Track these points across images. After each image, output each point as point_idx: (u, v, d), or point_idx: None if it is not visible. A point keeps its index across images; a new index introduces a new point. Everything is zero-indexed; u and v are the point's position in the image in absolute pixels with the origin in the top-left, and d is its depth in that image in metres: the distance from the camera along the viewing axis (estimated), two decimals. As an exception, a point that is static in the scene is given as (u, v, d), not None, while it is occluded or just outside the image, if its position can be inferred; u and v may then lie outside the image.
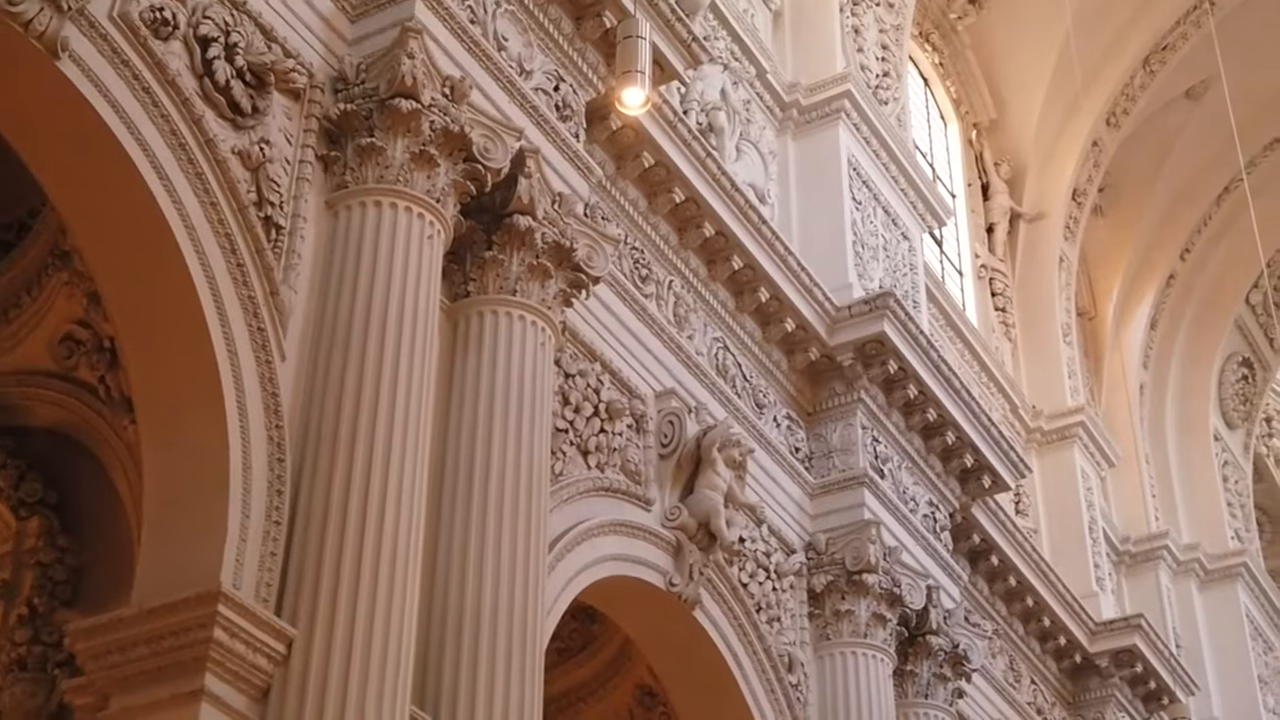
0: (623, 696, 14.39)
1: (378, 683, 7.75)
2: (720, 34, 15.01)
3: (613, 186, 12.22)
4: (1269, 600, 23.65)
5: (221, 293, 8.27)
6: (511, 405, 9.57)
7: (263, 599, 7.85)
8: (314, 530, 8.08)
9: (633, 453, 11.61)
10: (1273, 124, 23.58)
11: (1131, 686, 18.82)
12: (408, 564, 8.21)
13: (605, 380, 11.54)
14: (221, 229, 8.37)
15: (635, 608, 11.88)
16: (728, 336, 13.33)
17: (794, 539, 13.38)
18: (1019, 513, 19.46)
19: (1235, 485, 24.55)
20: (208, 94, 8.51)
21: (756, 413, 13.41)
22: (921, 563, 14.21)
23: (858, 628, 13.22)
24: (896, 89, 17.19)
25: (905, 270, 15.95)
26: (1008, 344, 21.30)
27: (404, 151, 9.22)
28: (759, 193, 14.61)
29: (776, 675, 12.47)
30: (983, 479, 15.47)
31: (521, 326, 9.88)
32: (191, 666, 7.52)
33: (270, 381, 8.36)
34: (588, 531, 10.87)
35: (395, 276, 8.90)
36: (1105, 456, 21.13)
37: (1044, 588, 17.60)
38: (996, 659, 17.08)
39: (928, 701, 13.98)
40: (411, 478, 8.45)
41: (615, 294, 11.97)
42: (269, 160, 8.78)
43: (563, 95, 10.92)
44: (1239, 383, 25.20)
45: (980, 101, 21.99)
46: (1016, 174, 22.03)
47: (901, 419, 14.55)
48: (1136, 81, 21.87)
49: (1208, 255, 24.04)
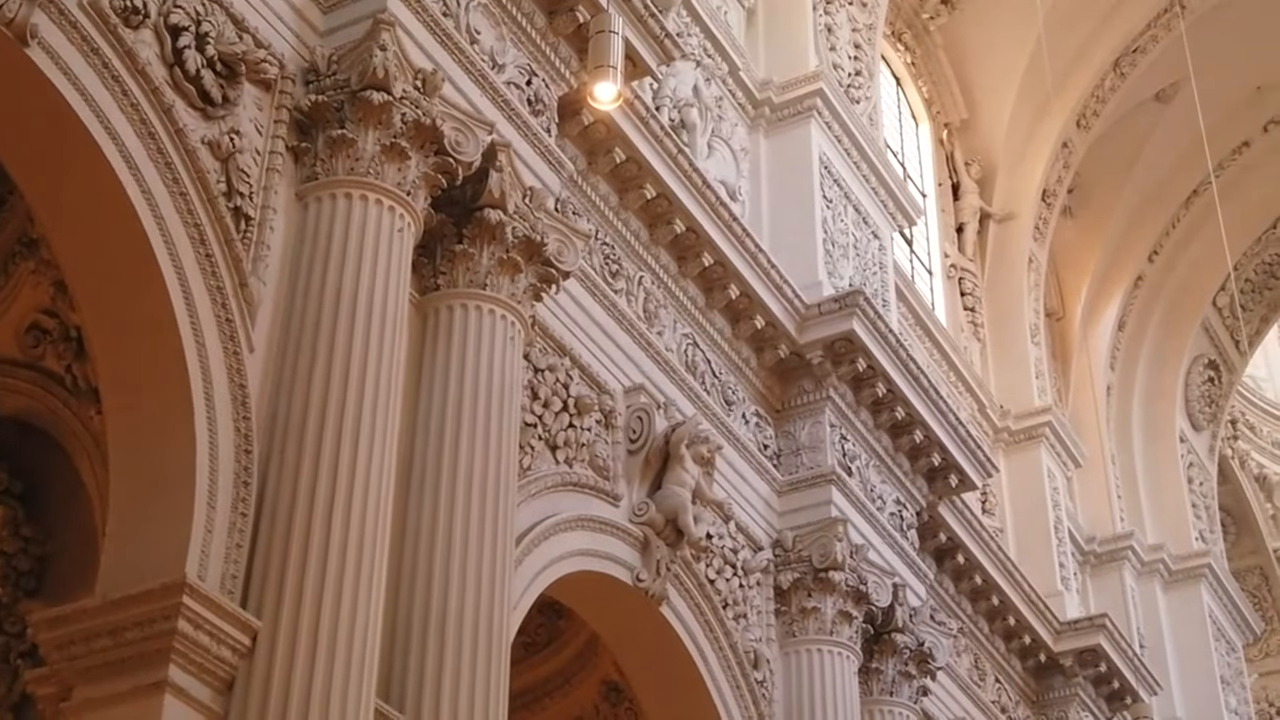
0: (588, 692, 14.40)
1: (343, 676, 7.74)
2: (693, 30, 15.02)
3: (584, 182, 12.21)
4: (1232, 601, 23.78)
5: (190, 283, 8.23)
6: (480, 399, 9.56)
7: (228, 591, 7.82)
8: (280, 522, 8.06)
9: (601, 448, 11.61)
10: (1241, 127, 23.73)
11: (1095, 686, 18.92)
12: (374, 557, 8.20)
13: (574, 375, 11.53)
14: (190, 219, 8.33)
15: (602, 603, 11.88)
16: (697, 333, 13.35)
17: (761, 536, 13.40)
18: (985, 512, 19.53)
19: (1200, 487, 24.68)
20: (178, 83, 8.47)
21: (725, 409, 13.43)
22: (888, 561, 14.25)
23: (824, 625, 13.25)
24: (868, 88, 17.22)
25: (875, 269, 15.99)
26: (976, 344, 21.37)
27: (375, 144, 9.20)
28: (730, 190, 14.62)
29: (742, 672, 12.49)
30: (950, 478, 15.52)
31: (491, 320, 9.87)
32: (155, 658, 7.49)
33: (238, 373, 8.33)
34: (555, 526, 10.86)
35: (365, 269, 8.88)
36: (1071, 457, 21.22)
37: (1009, 587, 17.67)
38: (961, 657, 17.14)
39: (893, 699, 14.03)
40: (379, 471, 8.44)
41: (585, 289, 11.97)
42: (239, 151, 8.75)
43: (535, 89, 10.91)
44: (1205, 385, 25.33)
45: (951, 101, 22.05)
46: (987, 174, 22.09)
47: (870, 417, 14.58)
48: (1107, 84, 21.97)
49: (1176, 258, 24.17)
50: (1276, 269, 25.74)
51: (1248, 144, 23.97)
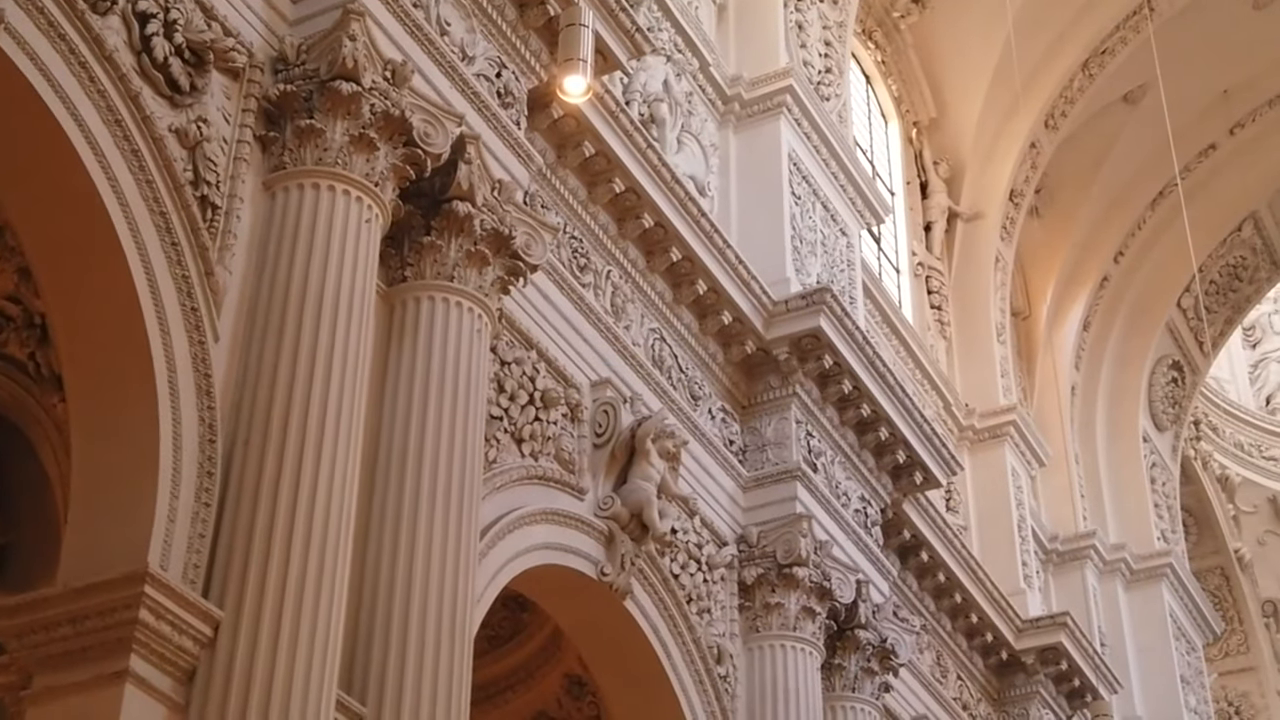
0: (551, 685, 14.42)
1: (305, 667, 7.72)
2: (664, 25, 15.02)
3: (553, 175, 12.20)
4: (1193, 601, 23.92)
5: (155, 272, 8.18)
6: (446, 391, 9.55)
7: (190, 581, 7.79)
8: (244, 513, 8.03)
9: (567, 442, 11.61)
10: (1208, 130, 23.87)
11: (1056, 684, 19.01)
12: (338, 548, 8.18)
13: (541, 369, 11.53)
14: (157, 207, 8.29)
15: (566, 597, 11.88)
16: (664, 328, 13.36)
17: (726, 531, 13.43)
18: (949, 509, 19.61)
19: (1163, 487, 24.82)
20: (145, 71, 8.43)
21: (691, 404, 13.45)
22: (852, 557, 14.29)
23: (787, 620, 13.28)
24: (838, 85, 17.26)
25: (843, 266, 16.02)
26: (942, 342, 21.44)
27: (343, 134, 9.17)
28: (699, 185, 14.64)
29: (705, 666, 12.51)
30: (914, 475, 15.58)
31: (458, 313, 9.85)
32: (116, 647, 7.45)
33: (203, 362, 8.29)
34: (520, 519, 10.86)
35: (332, 260, 8.85)
36: (1036, 456, 21.31)
37: (972, 584, 17.74)
38: (924, 654, 17.20)
39: (855, 695, 14.07)
40: (344, 462, 8.42)
41: (553, 282, 11.96)
42: (206, 139, 8.70)
43: (505, 82, 10.89)
44: (1169, 385, 25.47)
45: (921, 100, 22.11)
46: (955, 173, 22.16)
47: (836, 414, 14.62)
48: (1075, 85, 22.06)
49: (1141, 259, 24.29)
50: (1240, 271, 25.92)
51: (1214, 147, 24.11)
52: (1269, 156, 24.43)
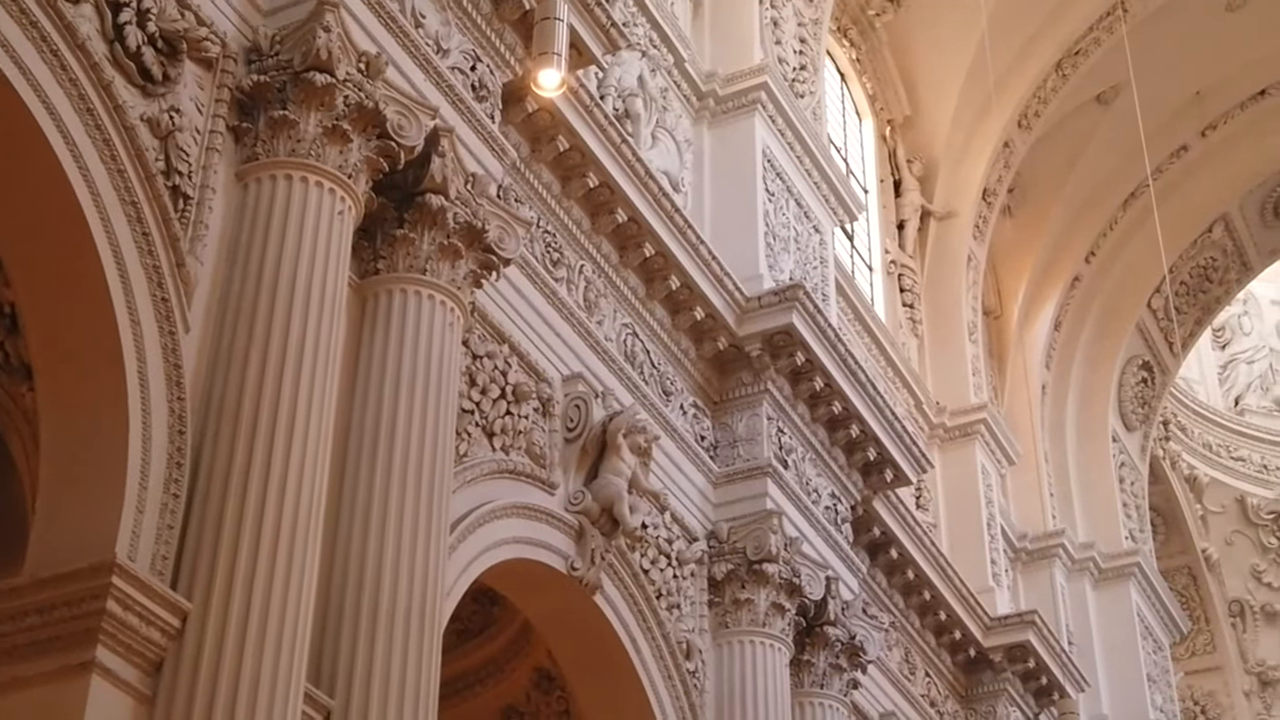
0: (520, 679, 14.40)
1: (272, 659, 7.70)
2: (639, 20, 15.02)
3: (527, 169, 12.20)
4: (1160, 600, 24.05)
5: (126, 262, 8.14)
6: (418, 385, 9.53)
7: (158, 572, 7.76)
8: (213, 504, 8.00)
9: (538, 436, 11.61)
10: (1180, 131, 23.98)
11: (1023, 681, 19.09)
12: (307, 541, 8.16)
13: (513, 363, 11.52)
14: (128, 197, 8.25)
15: (536, 591, 11.88)
16: (637, 323, 13.36)
17: (696, 527, 13.44)
18: (919, 507, 19.66)
19: (1131, 486, 24.94)
20: (118, 59, 8.39)
21: (663, 400, 13.45)
22: (822, 554, 14.32)
23: (756, 617, 13.31)
24: (813, 83, 17.28)
25: (815, 263, 16.05)
26: (914, 340, 21.50)
27: (317, 125, 9.14)
28: (673, 181, 14.64)
29: (674, 662, 12.53)
30: (885, 472, 15.62)
31: (430, 306, 9.83)
32: (83, 638, 7.41)
33: (173, 353, 8.26)
34: (490, 513, 10.85)
35: (304, 251, 8.82)
36: (1005, 454, 21.39)
37: (941, 582, 17.80)
38: (892, 651, 17.26)
39: (823, 691, 14.10)
40: (314, 454, 8.40)
41: (526, 277, 11.95)
42: (178, 129, 8.67)
43: (479, 75, 10.88)
44: (1138, 385, 25.59)
45: (895, 98, 22.15)
46: (928, 172, 22.22)
47: (807, 410, 14.65)
48: (1049, 85, 22.14)
49: (1112, 259, 24.39)
50: (1211, 273, 26.06)
51: (1186, 148, 24.23)
52: (1240, 158, 24.56)
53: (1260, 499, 30.90)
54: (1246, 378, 33.22)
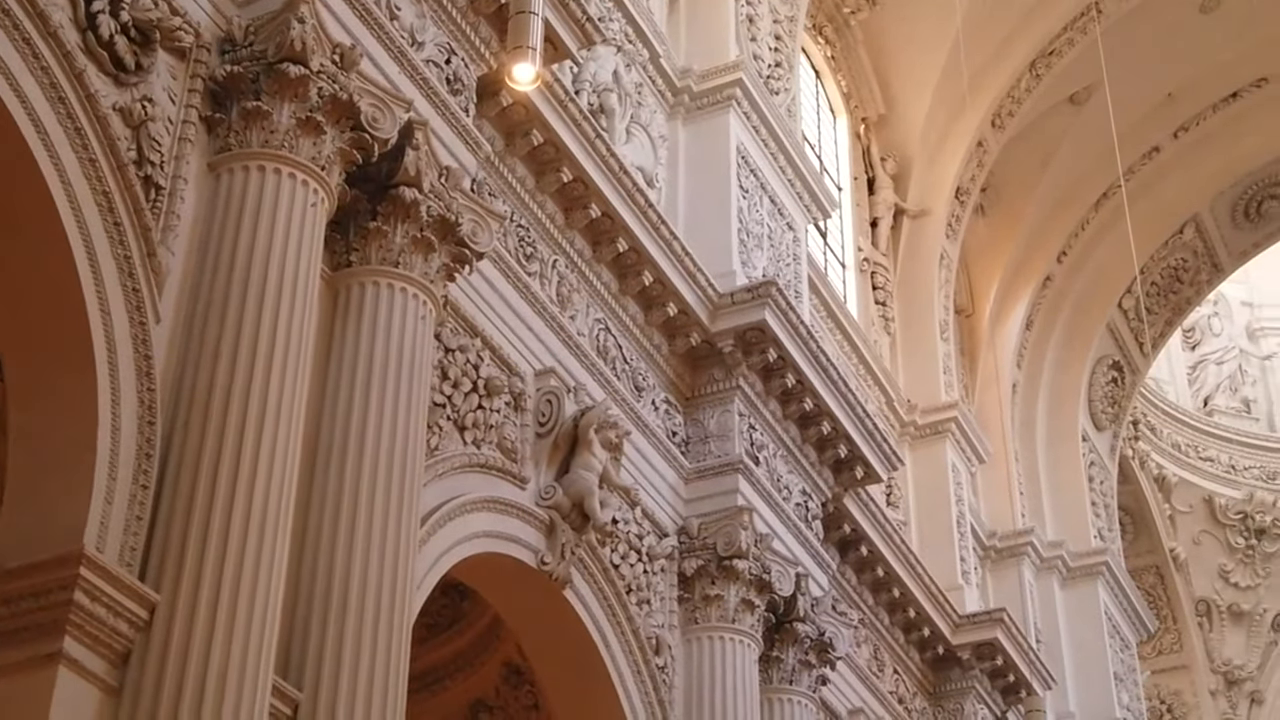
0: (490, 674, 14.40)
1: (241, 651, 7.68)
2: (615, 15, 15.01)
3: (501, 163, 12.18)
4: (1128, 599, 24.16)
5: (97, 251, 8.11)
6: (390, 378, 9.52)
7: (126, 563, 7.73)
8: (182, 496, 7.98)
9: (510, 430, 11.60)
10: (1152, 132, 24.08)
11: (991, 679, 19.16)
12: (276, 533, 8.14)
13: (485, 357, 11.51)
14: (99, 186, 8.21)
15: (506, 585, 11.88)
16: (609, 318, 13.36)
17: (667, 522, 13.45)
18: (890, 504, 19.71)
19: (1100, 486, 25.04)
20: (90, 48, 8.34)
21: (635, 395, 13.46)
22: (792, 550, 14.35)
23: (726, 613, 13.32)
24: (788, 80, 17.30)
25: (789, 260, 16.07)
26: (886, 338, 21.54)
27: (290, 117, 9.11)
28: (647, 176, 14.64)
29: (644, 657, 12.53)
30: (856, 470, 15.65)
31: (403, 299, 9.81)
32: (50, 629, 7.39)
33: (144, 344, 8.23)
34: (461, 507, 10.84)
35: (276, 243, 8.80)
36: (976, 452, 21.46)
37: (910, 579, 17.85)
38: (861, 648, 17.30)
39: (792, 688, 14.13)
40: (284, 446, 8.38)
41: (499, 271, 11.94)
42: (151, 119, 8.63)
43: (454, 69, 10.86)
44: (1108, 385, 25.69)
45: (870, 96, 22.19)
46: (902, 170, 22.26)
47: (779, 407, 14.67)
48: (1022, 85, 22.20)
49: (1084, 259, 24.48)
50: (1182, 273, 26.18)
51: (1158, 149, 24.32)
52: (1212, 159, 24.68)
53: (1228, 499, 31.07)
54: (1216, 378, 33.40)
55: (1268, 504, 31.09)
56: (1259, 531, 31.04)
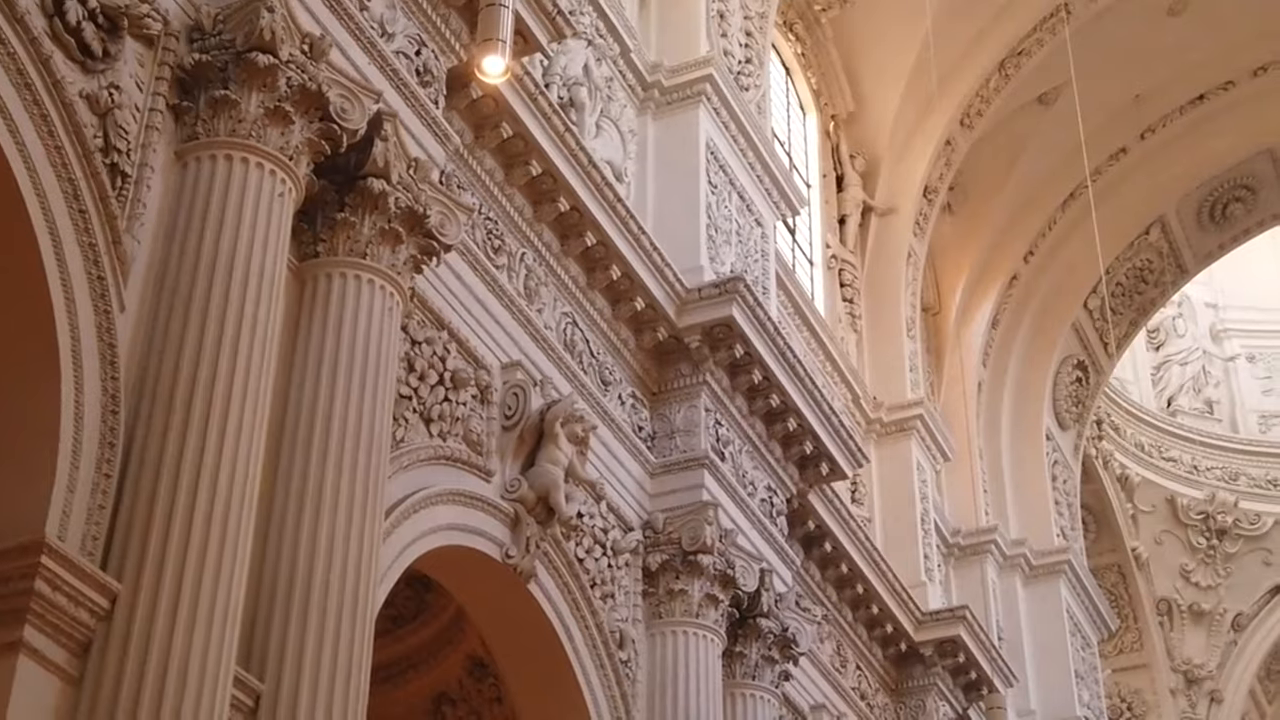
0: (453, 666, 14.37)
1: (202, 642, 7.66)
2: (586, 9, 15.00)
3: (470, 155, 12.16)
4: (1089, 597, 24.29)
5: (62, 238, 8.06)
6: (356, 369, 9.49)
7: (88, 552, 7.69)
8: (145, 485, 7.94)
9: (475, 423, 11.59)
10: (1120, 134, 24.20)
11: (953, 676, 19.24)
12: (240, 524, 8.11)
13: (452, 349, 11.49)
14: (65, 173, 8.16)
15: (470, 578, 11.87)
16: (577, 312, 13.36)
17: (632, 517, 13.46)
18: (854, 501, 19.77)
19: (1064, 485, 25.16)
20: (57, 34, 8.29)
21: (602, 389, 13.46)
22: (756, 546, 14.38)
23: (690, 607, 13.34)
24: (758, 76, 17.32)
25: (757, 256, 16.09)
26: (853, 335, 21.59)
27: (258, 106, 9.08)
28: (616, 171, 14.64)
29: (607, 651, 12.54)
30: (821, 466, 15.68)
31: (370, 290, 9.79)
32: (10, 618, 7.34)
33: (108, 332, 8.18)
34: (426, 499, 10.83)
35: (243, 232, 8.77)
36: (941, 450, 21.53)
37: (874, 576, 17.91)
38: (824, 643, 17.35)
39: (755, 683, 14.16)
40: (249, 437, 8.35)
41: (467, 263, 11.92)
42: (118, 106, 8.58)
43: (424, 60, 10.83)
44: (1073, 385, 25.82)
45: (839, 94, 22.24)
46: (871, 168, 22.32)
47: (745, 403, 14.69)
48: (991, 84, 22.29)
49: (1050, 259, 24.60)
50: (1147, 274, 26.33)
51: (1125, 150, 24.46)
52: (1178, 161, 24.83)
53: (1190, 499, 31.28)
54: (1179, 379, 33.61)
55: (1229, 504, 31.31)
56: (1220, 532, 31.26)
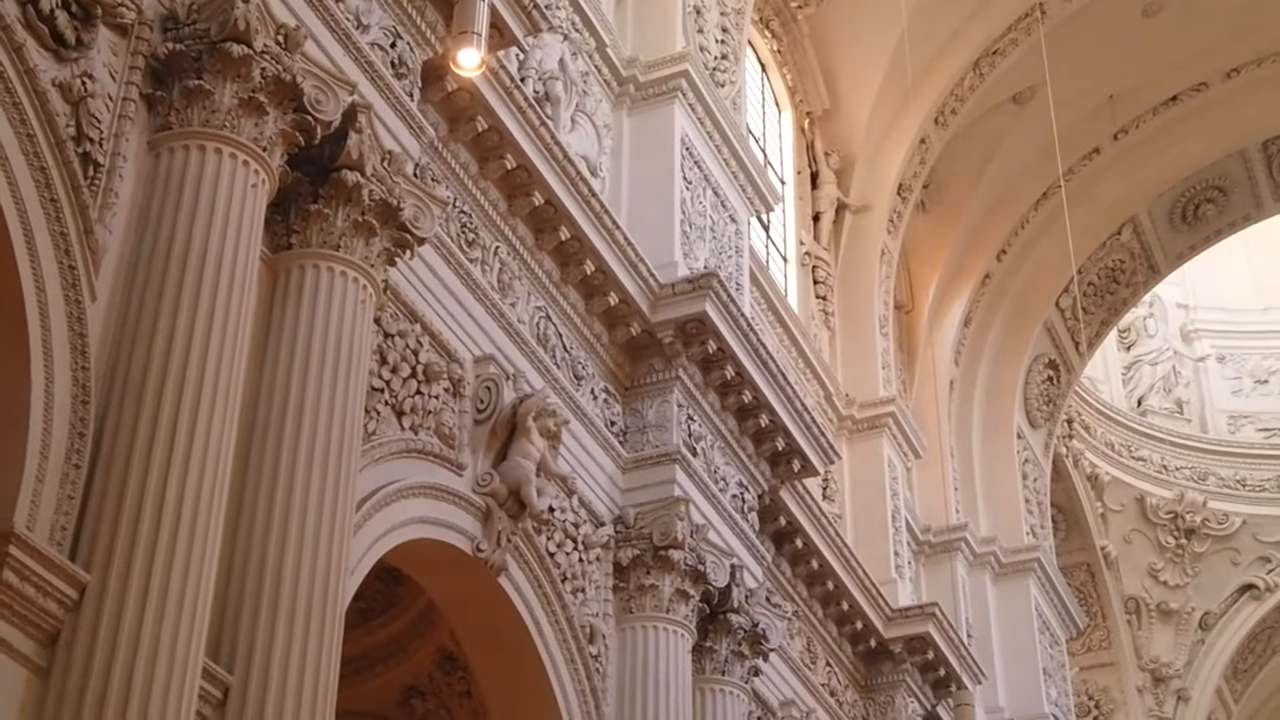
0: (423, 660, 14.37)
1: (171, 633, 7.63)
2: (562, 3, 14.99)
3: (444, 148, 12.14)
4: (1058, 595, 24.40)
5: (33, 227, 8.01)
6: (328, 361, 9.47)
7: (57, 543, 7.66)
8: (115, 476, 7.91)
9: (448, 416, 11.58)
10: (1093, 134, 24.30)
11: (922, 672, 19.30)
12: (210, 515, 8.09)
13: (425, 342, 11.48)
14: (36, 162, 8.11)
15: (441, 571, 11.86)
16: (550, 306, 13.35)
17: (603, 511, 13.47)
18: (826, 498, 19.81)
19: (1034, 483, 25.27)
20: (30, 22, 8.24)
21: (574, 384, 13.46)
22: (727, 542, 14.40)
23: (660, 602, 13.36)
24: (734, 72, 17.33)
25: (730, 252, 16.11)
26: (826, 332, 21.64)
27: (232, 97, 9.05)
28: (591, 165, 14.64)
29: (577, 645, 12.55)
30: (793, 463, 15.71)
31: (343, 283, 9.77)
32: (-22, 608, 7.34)
33: (79, 322, 8.15)
34: (397, 492, 10.81)
35: (216, 223, 8.74)
36: (912, 448, 21.60)
37: (845, 573, 17.95)
38: (794, 640, 17.39)
39: (724, 678, 14.18)
40: (220, 428, 8.33)
41: (440, 256, 11.91)
42: (91, 95, 8.54)
43: (399, 53, 10.81)
44: (1044, 384, 25.93)
45: (815, 91, 22.28)
46: (845, 165, 22.35)
47: (717, 399, 14.71)
48: (966, 83, 22.35)
49: (1023, 258, 24.69)
50: (1118, 274, 26.45)
51: (1098, 150, 24.56)
52: (1151, 162, 24.94)
53: (1159, 499, 31.44)
54: (1149, 379, 33.76)
55: (1198, 504, 31.48)
56: (1189, 531, 31.43)
